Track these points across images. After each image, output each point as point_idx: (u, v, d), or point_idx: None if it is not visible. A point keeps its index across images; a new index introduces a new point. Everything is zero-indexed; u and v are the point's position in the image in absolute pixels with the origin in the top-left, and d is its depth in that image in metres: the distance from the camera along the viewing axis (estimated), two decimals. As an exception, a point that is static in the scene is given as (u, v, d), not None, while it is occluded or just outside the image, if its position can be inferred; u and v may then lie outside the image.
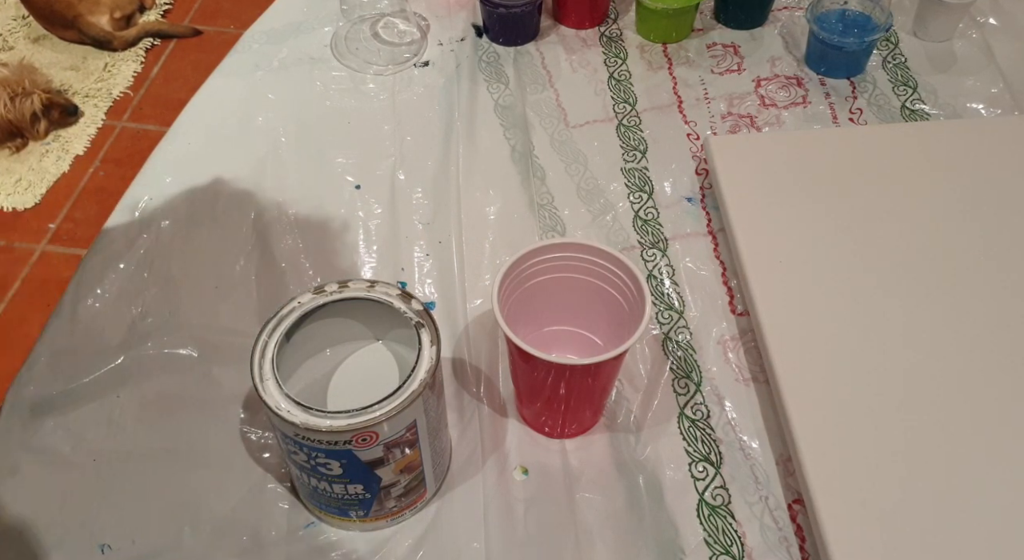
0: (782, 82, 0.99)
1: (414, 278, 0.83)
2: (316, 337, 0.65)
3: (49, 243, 1.06)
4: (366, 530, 0.68)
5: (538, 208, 0.88)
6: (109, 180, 1.04)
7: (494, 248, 0.85)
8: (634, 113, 0.97)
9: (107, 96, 1.80)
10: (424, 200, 0.89)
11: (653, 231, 0.86)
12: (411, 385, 0.57)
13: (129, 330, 0.80)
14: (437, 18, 1.08)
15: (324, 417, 0.56)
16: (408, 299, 0.62)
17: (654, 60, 1.02)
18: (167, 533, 0.68)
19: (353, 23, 1.07)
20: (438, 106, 0.98)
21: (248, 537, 0.68)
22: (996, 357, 0.72)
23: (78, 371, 0.77)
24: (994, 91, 0.97)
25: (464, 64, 1.02)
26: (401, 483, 0.64)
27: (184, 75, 1.32)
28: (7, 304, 0.93)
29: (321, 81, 1.01)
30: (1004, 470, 0.66)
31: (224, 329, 0.80)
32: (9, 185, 1.45)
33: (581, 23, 1.06)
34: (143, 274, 0.84)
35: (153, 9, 2.14)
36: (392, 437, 0.58)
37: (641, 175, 0.91)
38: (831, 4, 0.98)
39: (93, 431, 0.74)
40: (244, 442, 0.73)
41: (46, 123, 1.82)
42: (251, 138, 0.96)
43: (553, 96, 0.99)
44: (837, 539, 0.62)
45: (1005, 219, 0.81)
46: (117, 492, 0.70)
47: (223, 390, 0.76)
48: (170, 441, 0.73)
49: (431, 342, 0.60)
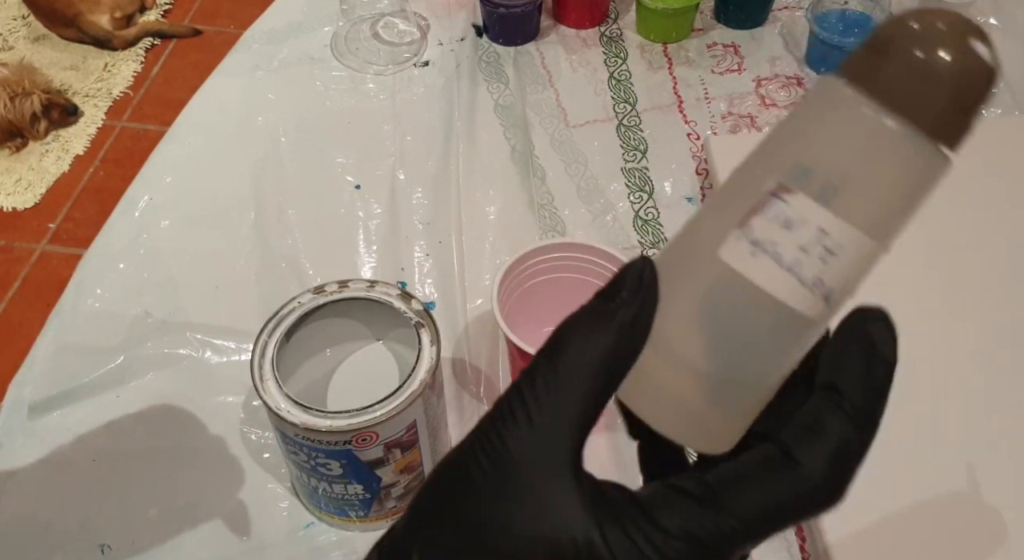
0: (782, 82, 0.99)
1: (414, 278, 0.83)
2: (316, 337, 0.65)
3: (49, 243, 1.06)
4: (366, 530, 0.68)
5: (538, 208, 0.88)
6: (109, 180, 1.04)
7: (494, 248, 0.85)
8: (634, 113, 0.97)
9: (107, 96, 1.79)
10: (424, 200, 0.89)
11: (653, 231, 0.86)
12: (411, 385, 0.57)
13: (129, 330, 0.80)
14: (437, 18, 1.08)
15: (324, 417, 0.56)
16: (408, 299, 0.62)
17: (654, 60, 1.02)
18: (167, 533, 0.68)
19: (353, 23, 1.07)
20: (438, 106, 0.98)
21: (248, 537, 0.68)
22: (997, 358, 0.72)
23: (78, 371, 0.77)
24: (994, 91, 0.97)
25: (464, 64, 1.02)
26: (401, 483, 0.64)
27: (184, 75, 1.32)
28: (7, 304, 0.93)
29: (321, 81, 1.01)
30: (1005, 470, 0.66)
31: (224, 329, 0.80)
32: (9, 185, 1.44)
33: (581, 23, 1.06)
34: (143, 274, 0.84)
35: (153, 9, 2.14)
36: (392, 437, 0.58)
37: (641, 175, 0.91)
38: (831, 4, 0.97)
39: (93, 431, 0.74)
40: (244, 442, 0.73)
41: (46, 123, 1.81)
42: (251, 138, 0.96)
43: (553, 96, 0.99)
44: (837, 539, 0.62)
45: (1005, 220, 0.81)
46: (117, 492, 0.70)
47: (223, 390, 0.76)
48: (170, 441, 0.73)
49: (431, 342, 0.60)
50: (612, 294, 0.27)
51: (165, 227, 0.88)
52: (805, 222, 0.27)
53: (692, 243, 0.29)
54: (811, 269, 0.27)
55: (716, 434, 0.29)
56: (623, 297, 0.26)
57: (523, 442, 0.25)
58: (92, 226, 0.94)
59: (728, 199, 0.29)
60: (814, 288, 0.27)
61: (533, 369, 0.27)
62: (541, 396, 0.26)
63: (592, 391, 0.26)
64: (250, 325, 0.79)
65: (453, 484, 0.27)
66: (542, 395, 0.26)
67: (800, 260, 0.27)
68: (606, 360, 0.26)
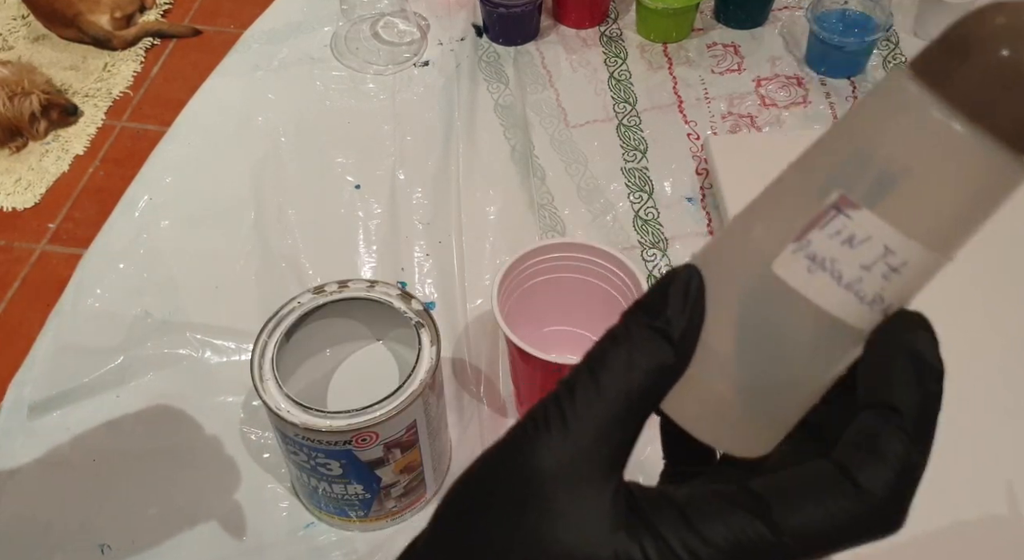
0: (782, 82, 0.99)
1: (414, 278, 0.83)
2: (316, 337, 0.65)
3: (49, 243, 1.06)
4: (366, 530, 0.68)
5: (538, 208, 0.88)
6: (109, 180, 1.04)
7: (494, 248, 0.85)
8: (634, 113, 0.97)
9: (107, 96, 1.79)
10: (424, 200, 0.89)
11: (653, 231, 0.86)
12: (411, 385, 0.57)
13: (129, 330, 0.80)
14: (437, 18, 1.08)
15: (324, 417, 0.56)
16: (408, 299, 0.62)
17: (654, 60, 1.02)
18: (167, 533, 0.68)
19: (353, 23, 1.07)
20: (438, 106, 0.98)
21: (248, 537, 0.68)
22: (997, 358, 0.72)
23: (78, 371, 0.77)
24: None
25: (464, 64, 1.02)
26: (401, 483, 0.64)
27: (184, 75, 1.32)
28: (7, 304, 0.93)
29: (321, 81, 1.01)
30: (1007, 470, 0.66)
31: (224, 329, 0.80)
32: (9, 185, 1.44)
33: (581, 23, 1.06)
34: (143, 274, 0.84)
35: (153, 9, 2.14)
36: (392, 437, 0.58)
37: (641, 175, 0.91)
38: (831, 4, 0.97)
39: (93, 431, 0.74)
40: (244, 442, 0.73)
41: (45, 123, 1.81)
42: (251, 138, 0.96)
43: (553, 96, 0.99)
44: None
45: (1006, 220, 0.81)
46: (117, 492, 0.70)
47: (223, 390, 0.76)
48: (170, 441, 0.73)
49: (431, 342, 0.60)
50: (658, 308, 0.26)
51: (165, 227, 0.88)
52: (869, 239, 0.25)
53: (741, 252, 0.27)
54: (872, 287, 0.26)
55: (755, 440, 0.28)
56: (669, 315, 0.26)
57: (558, 455, 0.25)
58: (92, 226, 0.94)
59: (782, 203, 0.27)
60: (873, 305, 0.26)
61: (572, 382, 0.26)
62: (581, 411, 0.25)
63: (635, 410, 0.25)
64: (250, 325, 0.79)
65: (481, 496, 0.26)
66: (582, 409, 0.25)
67: (862, 278, 0.26)
68: (652, 379, 0.25)
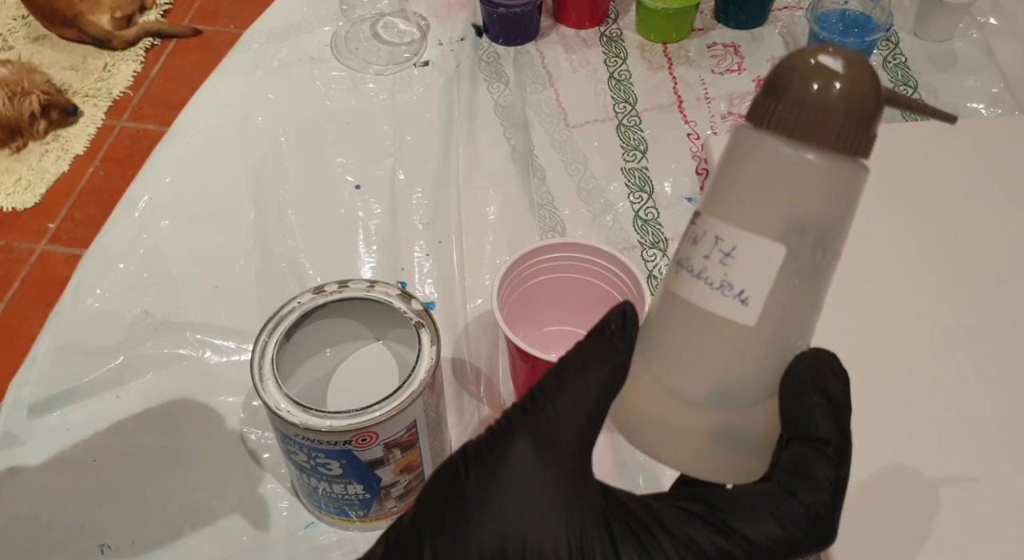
0: (782, 82, 0.99)
1: (414, 278, 0.83)
2: (316, 337, 0.65)
3: (49, 243, 1.06)
4: (366, 530, 0.68)
5: (538, 208, 0.88)
6: (109, 180, 1.04)
7: (494, 248, 0.85)
8: (634, 113, 0.97)
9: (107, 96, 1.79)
10: (424, 200, 0.89)
11: (653, 231, 0.86)
12: (411, 385, 0.57)
13: (129, 330, 0.80)
14: (437, 18, 1.08)
15: (324, 417, 0.56)
16: (408, 299, 0.62)
17: (654, 60, 1.02)
18: (167, 533, 0.68)
19: (353, 23, 1.07)
20: (438, 106, 0.98)
21: (248, 537, 0.68)
22: (997, 358, 0.72)
23: (78, 371, 0.77)
24: (995, 91, 0.97)
25: (464, 64, 1.02)
26: (401, 483, 0.64)
27: (184, 75, 1.32)
28: (7, 304, 0.93)
29: (321, 81, 1.01)
30: (1007, 470, 0.66)
31: (224, 329, 0.80)
32: (9, 185, 1.44)
33: (581, 23, 1.06)
34: (143, 274, 0.84)
35: (153, 9, 2.14)
36: (392, 437, 0.58)
37: (641, 175, 0.91)
38: (831, 4, 0.97)
39: (93, 431, 0.74)
40: (244, 442, 0.73)
41: (45, 123, 1.81)
42: (251, 138, 0.96)
43: (553, 96, 0.99)
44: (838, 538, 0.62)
45: (1006, 220, 0.81)
46: (117, 492, 0.70)
47: (223, 390, 0.76)
48: (170, 441, 0.73)
49: (431, 342, 0.60)
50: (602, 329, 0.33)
51: (165, 227, 0.88)
52: (704, 233, 0.31)
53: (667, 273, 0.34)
54: (716, 273, 0.30)
55: (693, 456, 0.33)
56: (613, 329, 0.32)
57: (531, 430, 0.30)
58: (92, 226, 0.94)
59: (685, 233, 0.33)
60: (723, 291, 0.30)
61: (541, 382, 0.31)
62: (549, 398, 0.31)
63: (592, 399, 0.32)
64: (250, 325, 0.79)
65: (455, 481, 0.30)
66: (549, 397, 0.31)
67: (705, 267, 0.31)
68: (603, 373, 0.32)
